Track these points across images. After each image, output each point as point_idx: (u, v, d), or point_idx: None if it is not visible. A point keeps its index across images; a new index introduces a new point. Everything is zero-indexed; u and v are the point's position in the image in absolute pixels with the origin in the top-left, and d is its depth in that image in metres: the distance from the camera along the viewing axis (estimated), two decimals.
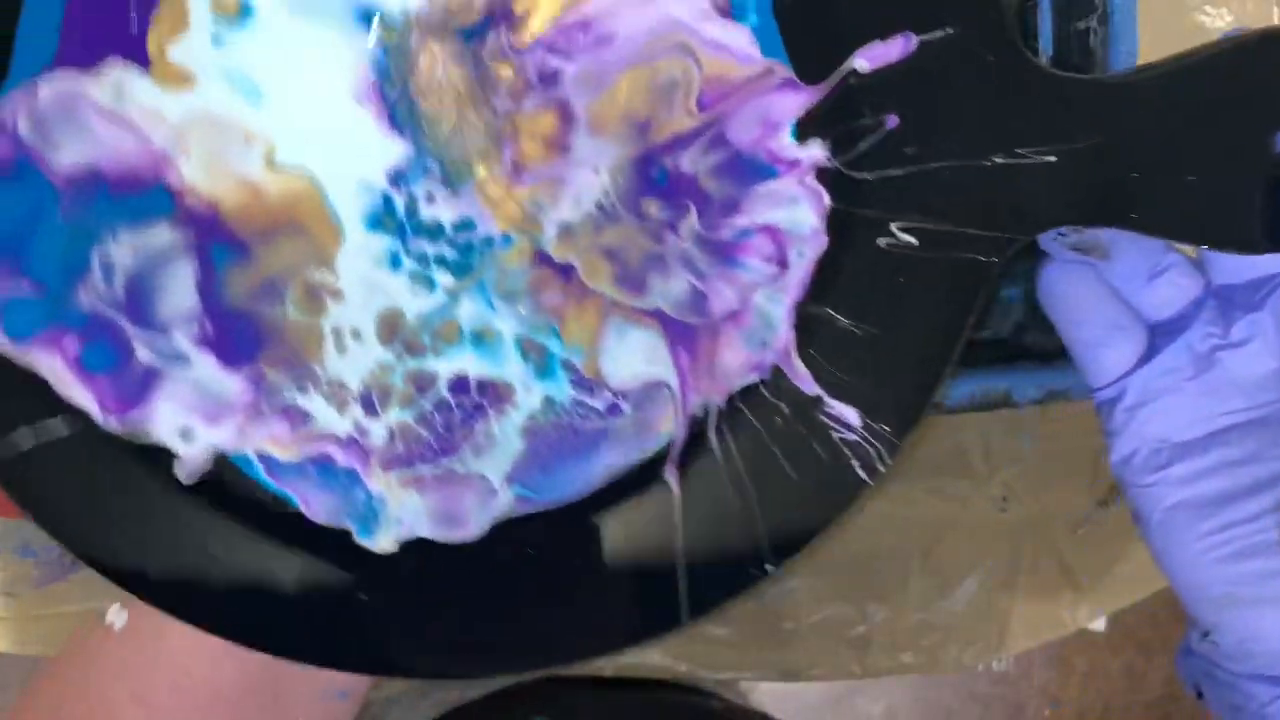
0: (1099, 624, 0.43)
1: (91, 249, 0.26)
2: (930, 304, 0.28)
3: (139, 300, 0.26)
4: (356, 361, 0.27)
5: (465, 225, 0.27)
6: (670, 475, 0.29)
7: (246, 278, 0.26)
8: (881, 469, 0.29)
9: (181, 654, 0.31)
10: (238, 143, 0.25)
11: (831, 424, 0.29)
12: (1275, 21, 0.38)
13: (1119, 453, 0.28)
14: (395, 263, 0.27)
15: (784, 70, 0.26)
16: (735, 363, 0.28)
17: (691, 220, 0.27)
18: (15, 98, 0.24)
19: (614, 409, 0.28)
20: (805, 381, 0.28)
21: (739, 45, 0.25)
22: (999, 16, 0.26)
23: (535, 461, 0.28)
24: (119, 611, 0.32)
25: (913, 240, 0.28)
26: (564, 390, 0.28)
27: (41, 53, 0.25)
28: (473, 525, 0.28)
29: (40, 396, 0.26)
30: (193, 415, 0.26)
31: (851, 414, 0.29)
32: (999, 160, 0.27)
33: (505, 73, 0.26)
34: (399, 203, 0.26)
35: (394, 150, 0.26)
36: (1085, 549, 0.41)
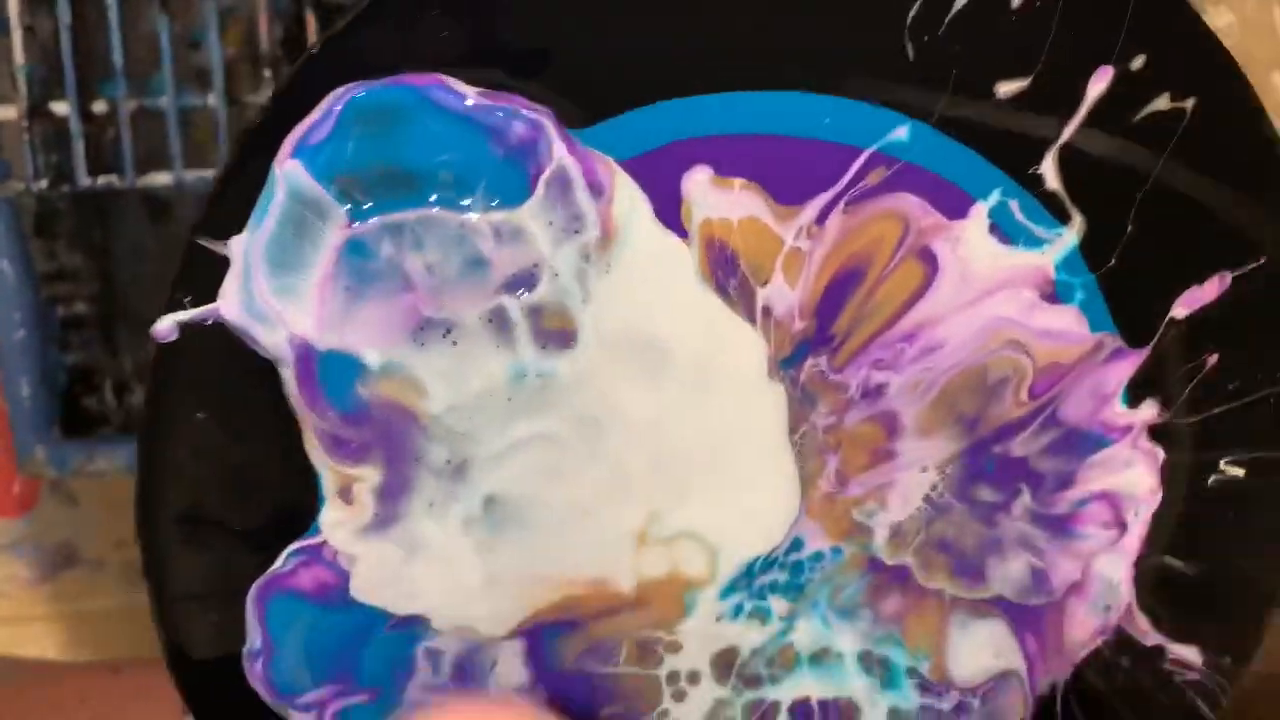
0: None
1: (416, 648, 0.24)
2: (1261, 529, 0.27)
3: (469, 681, 0.24)
4: (695, 705, 0.25)
5: (794, 545, 0.25)
6: None
7: (575, 644, 0.25)
8: (1225, 702, 0.27)
9: None
10: None
11: (1173, 669, 0.27)
12: (1276, 22, 0.37)
13: None
14: (738, 612, 0.25)
15: (1114, 340, 0.25)
16: (1082, 634, 0.26)
17: (1025, 499, 0.25)
18: None
19: (962, 708, 0.26)
20: (1147, 634, 0.27)
21: (1069, 328, 0.24)
22: None
23: None
24: None
25: (1240, 472, 0.27)
26: (910, 698, 0.26)
27: None
28: None
29: None
30: None
31: (1192, 654, 0.27)
32: None
33: (826, 392, 0.24)
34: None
35: None
36: None
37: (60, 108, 0.36)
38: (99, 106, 0.36)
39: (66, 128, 0.35)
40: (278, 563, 0.23)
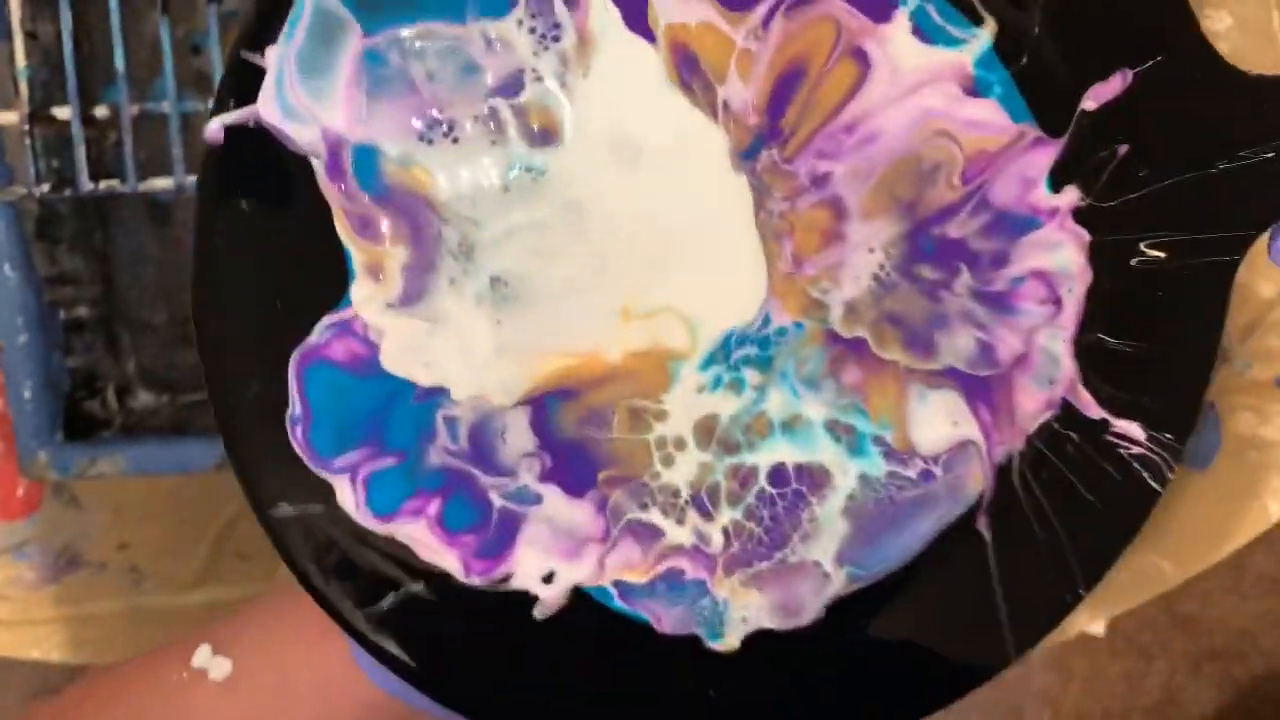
0: (1098, 628, 0.43)
1: (436, 413, 0.28)
2: (1187, 309, 0.30)
3: (483, 448, 0.28)
4: (682, 469, 0.29)
5: (763, 321, 0.29)
6: (983, 525, 0.30)
7: (574, 411, 0.28)
8: (1170, 476, 0.30)
9: (304, 710, 0.28)
10: None
11: (1118, 443, 0.30)
12: (1275, 25, 0.40)
13: None
14: (717, 383, 0.29)
15: (1034, 130, 0.28)
16: (1030, 406, 0.29)
17: (964, 277, 0.29)
18: None
19: (927, 475, 0.29)
20: (1090, 407, 0.30)
21: (991, 118, 0.28)
22: (1198, 39, 0.28)
23: (860, 539, 0.29)
24: (214, 658, 0.28)
25: (1160, 254, 0.30)
26: (878, 465, 0.29)
27: None
28: (810, 611, 0.29)
29: (402, 563, 0.28)
30: (553, 557, 0.28)
31: (1135, 429, 0.30)
32: (1224, 166, 0.28)
33: (779, 181, 0.28)
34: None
35: None
36: None
37: (62, 112, 0.36)
38: (101, 111, 0.36)
39: (68, 132, 0.36)
40: (313, 334, 0.27)
